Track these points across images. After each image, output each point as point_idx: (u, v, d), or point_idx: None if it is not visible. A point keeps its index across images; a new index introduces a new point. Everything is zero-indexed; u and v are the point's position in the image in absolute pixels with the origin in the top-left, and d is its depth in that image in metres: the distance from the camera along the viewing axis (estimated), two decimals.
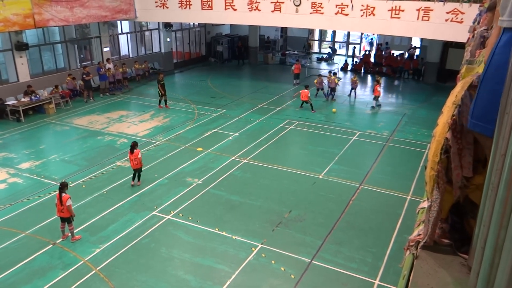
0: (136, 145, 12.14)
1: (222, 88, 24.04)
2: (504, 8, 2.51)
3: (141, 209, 11.23)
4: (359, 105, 21.13)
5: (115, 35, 25.51)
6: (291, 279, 8.65)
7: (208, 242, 9.86)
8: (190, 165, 13.89)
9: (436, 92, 23.34)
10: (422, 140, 16.07)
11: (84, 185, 12.48)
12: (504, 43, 2.36)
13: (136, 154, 11.98)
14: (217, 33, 32.93)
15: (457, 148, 2.74)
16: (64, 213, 9.63)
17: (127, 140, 16.02)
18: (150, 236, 10.06)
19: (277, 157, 14.62)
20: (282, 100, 21.71)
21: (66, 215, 9.66)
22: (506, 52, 2.20)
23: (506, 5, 2.48)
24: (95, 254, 9.39)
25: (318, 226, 10.53)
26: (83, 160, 14.26)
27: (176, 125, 17.82)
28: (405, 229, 10.22)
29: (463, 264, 2.71)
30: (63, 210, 9.59)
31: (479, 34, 5.45)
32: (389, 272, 8.83)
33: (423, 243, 2.88)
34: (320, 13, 19.93)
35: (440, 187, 2.74)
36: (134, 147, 12.01)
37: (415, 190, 12.14)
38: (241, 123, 18.09)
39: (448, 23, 17.35)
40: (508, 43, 2.32)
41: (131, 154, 12.03)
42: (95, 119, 18.57)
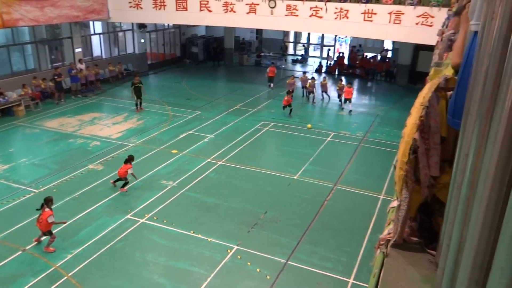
0: (131, 159, 12.27)
1: (197, 89, 23.91)
2: (472, 13, 2.60)
3: (115, 212, 11.04)
4: (333, 107, 21.38)
5: (87, 35, 25.00)
6: (267, 280, 8.67)
7: (183, 245, 9.78)
8: (164, 167, 13.75)
9: (408, 93, 23.87)
10: (394, 141, 16.40)
11: (55, 189, 12.17)
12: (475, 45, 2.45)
13: (126, 167, 12.04)
14: (192, 34, 32.75)
15: (424, 148, 2.81)
16: (41, 225, 9.42)
17: (99, 143, 15.73)
18: (124, 240, 9.89)
19: (252, 159, 14.64)
20: (257, 101, 21.77)
21: (41, 227, 9.44)
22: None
23: (473, 10, 2.57)
24: (67, 260, 9.17)
25: (293, 226, 10.60)
26: (54, 164, 13.92)
27: (150, 127, 17.61)
28: (378, 228, 10.40)
29: (431, 262, 2.78)
30: (41, 222, 9.40)
31: (447, 37, 5.61)
32: (363, 271, 8.96)
33: (393, 242, 2.94)
34: (295, 15, 20.10)
35: (408, 186, 2.81)
36: (128, 160, 12.19)
37: (388, 190, 12.38)
38: (217, 124, 18.04)
39: (418, 26, 17.79)
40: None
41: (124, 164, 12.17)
42: (67, 121, 18.15)
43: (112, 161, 14.11)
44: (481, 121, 1.70)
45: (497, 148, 1.44)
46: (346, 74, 29.12)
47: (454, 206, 2.11)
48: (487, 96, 1.65)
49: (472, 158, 1.80)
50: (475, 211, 1.61)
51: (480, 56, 1.94)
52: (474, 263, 1.55)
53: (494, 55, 1.60)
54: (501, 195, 1.45)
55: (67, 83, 21.52)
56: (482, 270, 1.53)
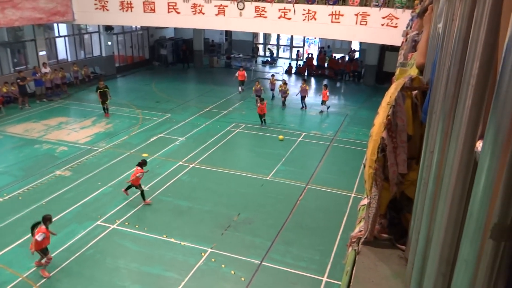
0: (144, 163, 11.60)
1: (167, 92, 23.64)
2: (440, 16, 2.69)
3: (84, 219, 10.76)
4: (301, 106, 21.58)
5: (51, 38, 24.29)
6: (242, 282, 8.66)
7: (156, 250, 9.64)
8: None
9: (375, 93, 24.38)
10: (363, 140, 16.72)
11: (21, 197, 11.76)
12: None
13: (136, 171, 11.33)
14: (161, 36, 32.35)
15: (392, 146, 2.88)
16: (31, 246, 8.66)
17: (67, 148, 15.31)
18: (95, 247, 9.66)
19: (224, 161, 14.59)
20: (228, 103, 21.73)
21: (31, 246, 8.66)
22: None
23: (441, 13, 2.65)
24: (35, 270, 8.87)
25: (267, 227, 10.64)
26: (19, 171, 13.44)
27: (119, 131, 17.28)
28: (350, 226, 10.56)
29: (401, 257, 2.86)
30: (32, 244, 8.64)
31: (411, 38, 5.78)
32: (336, 269, 9.09)
33: (364, 239, 3.00)
34: (264, 17, 20.19)
35: (378, 184, 2.87)
36: (141, 164, 11.50)
37: (359, 188, 12.60)
38: (188, 127, 17.89)
39: (384, 27, 18.22)
40: None
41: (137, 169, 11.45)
42: (32, 126, 17.57)
43: (80, 167, 13.76)
44: (444, 119, 1.76)
45: (460, 145, 1.50)
46: (315, 75, 29.50)
47: (422, 202, 2.17)
48: (450, 95, 1.71)
49: (437, 154, 1.86)
50: (441, 206, 1.66)
51: (442, 56, 2.01)
52: (441, 256, 1.61)
53: (455, 56, 1.66)
54: (465, 189, 1.51)
55: (32, 87, 20.84)
56: (449, 263, 1.58)
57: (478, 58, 1.36)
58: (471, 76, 1.40)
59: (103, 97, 18.77)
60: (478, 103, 1.39)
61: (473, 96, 1.40)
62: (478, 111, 1.39)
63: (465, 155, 1.48)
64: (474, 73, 1.38)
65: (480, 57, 1.36)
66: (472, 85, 1.39)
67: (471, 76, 1.40)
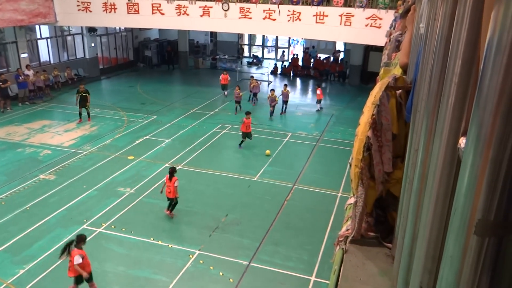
0: (174, 171, 10.74)
1: (152, 94, 23.48)
2: (422, 16, 2.72)
3: (70, 223, 10.61)
4: (289, 108, 21.65)
5: (33, 40, 23.92)
6: (230, 283, 8.64)
7: (144, 253, 9.56)
8: (121, 174, 13.38)
9: (360, 93, 24.59)
10: (349, 139, 16.84)
11: (4, 202, 11.55)
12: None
13: (173, 181, 10.55)
14: (145, 38, 32.13)
15: (377, 145, 2.91)
16: (70, 270, 7.86)
17: (50, 151, 15.09)
18: None
19: (211, 162, 14.55)
20: (214, 104, 21.67)
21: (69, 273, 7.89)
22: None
23: (423, 14, 2.69)
24: (20, 275, 8.72)
25: (255, 228, 10.63)
26: (1, 175, 13.19)
27: (104, 133, 17.09)
28: (337, 225, 10.62)
29: (388, 255, 2.88)
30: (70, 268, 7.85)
31: (394, 38, 5.84)
32: (324, 268, 9.13)
33: (351, 238, 3.02)
34: (249, 18, 20.21)
35: (364, 183, 2.90)
36: (172, 173, 10.61)
37: (345, 187, 12.69)
38: (174, 129, 17.79)
39: (368, 28, 18.39)
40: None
41: (169, 181, 10.62)
42: (14, 130, 17.27)
43: (64, 170, 13.57)
44: (428, 117, 1.78)
45: (443, 143, 1.52)
46: (300, 76, 29.63)
47: (407, 200, 2.19)
48: (433, 93, 1.73)
49: (422, 153, 1.88)
50: (426, 203, 1.68)
51: (425, 55, 2.04)
52: (427, 253, 1.62)
53: (438, 54, 1.68)
54: (449, 186, 1.53)
55: (13, 90, 20.48)
56: (434, 260, 1.60)
57: (460, 56, 1.38)
58: (454, 74, 1.42)
59: (82, 101, 18.09)
60: (461, 100, 1.41)
61: (456, 94, 1.42)
62: (461, 108, 1.41)
63: (449, 152, 1.50)
64: (456, 71, 1.40)
65: (462, 55, 1.37)
66: (455, 82, 1.41)
67: (454, 74, 1.42)
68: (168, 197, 10.78)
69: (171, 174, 10.63)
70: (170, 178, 10.61)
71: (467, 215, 1.12)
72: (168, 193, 10.67)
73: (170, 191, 10.63)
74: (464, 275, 1.14)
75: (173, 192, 10.60)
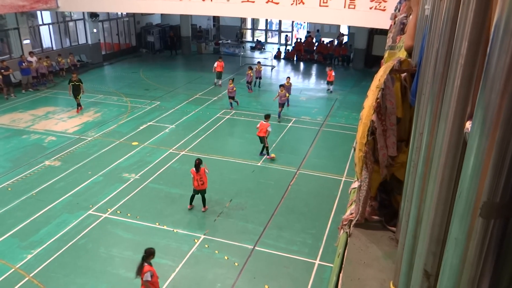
0: (201, 162, 10.32)
1: (155, 79, 23.41)
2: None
3: (76, 209, 10.72)
4: (293, 92, 21.53)
5: (35, 26, 23.80)
6: (235, 267, 8.73)
7: (149, 237, 9.66)
8: (125, 160, 13.44)
9: (364, 77, 24.41)
10: (353, 124, 16.80)
11: (10, 188, 11.65)
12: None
13: (202, 171, 10.25)
14: (147, 23, 31.89)
15: (382, 129, 2.89)
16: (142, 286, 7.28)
17: (55, 138, 15.15)
18: (87, 237, 9.65)
19: (215, 147, 14.57)
20: (218, 90, 21.60)
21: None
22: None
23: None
24: (27, 260, 8.85)
25: (259, 212, 10.70)
26: (7, 162, 13.29)
27: (108, 119, 17.11)
28: (341, 209, 10.67)
29: (392, 238, 2.90)
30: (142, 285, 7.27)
31: (399, 21, 5.76)
32: (328, 251, 9.20)
33: (355, 221, 3.03)
34: (251, 1, 19.96)
35: (368, 167, 2.90)
36: (199, 165, 10.23)
37: (349, 172, 12.70)
38: (177, 114, 17.78)
39: (372, 11, 18.14)
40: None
41: (197, 173, 10.23)
42: (18, 117, 17.32)
43: (69, 156, 13.64)
44: (434, 100, 1.77)
45: (449, 126, 1.50)
46: (304, 60, 29.41)
47: (411, 184, 2.19)
48: (438, 76, 1.71)
49: (427, 136, 1.87)
50: (431, 187, 1.68)
51: (431, 37, 2.01)
52: (431, 236, 1.63)
53: (444, 36, 1.65)
54: (454, 170, 1.52)
55: (17, 77, 20.47)
56: (439, 242, 1.61)
57: (466, 37, 1.36)
58: (460, 55, 1.40)
59: (75, 91, 17.65)
60: (467, 82, 1.39)
61: (462, 75, 1.40)
62: (467, 90, 1.40)
63: (455, 135, 1.48)
64: (463, 53, 1.38)
65: (468, 36, 1.35)
66: (461, 64, 1.39)
67: (460, 56, 1.40)
68: (200, 189, 10.47)
69: (198, 166, 10.23)
70: (198, 169, 10.25)
71: (472, 197, 1.12)
72: (202, 184, 10.35)
73: (203, 182, 10.33)
74: (469, 257, 1.15)
75: (206, 181, 10.35)
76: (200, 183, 10.33)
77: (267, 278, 8.46)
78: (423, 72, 2.25)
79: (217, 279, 8.43)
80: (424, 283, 1.68)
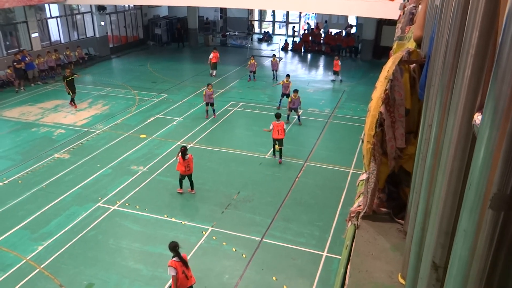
0: (186, 149, 10.80)
1: (163, 72, 23.43)
2: None
3: (85, 201, 10.82)
4: (301, 84, 21.44)
5: (43, 19, 23.89)
6: (243, 259, 8.78)
7: (158, 229, 9.73)
8: (134, 152, 13.52)
9: (373, 68, 24.21)
10: (361, 116, 16.69)
11: (21, 181, 11.79)
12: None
13: (190, 158, 10.78)
14: (155, 15, 31.86)
15: (390, 121, 2.87)
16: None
17: (64, 131, 15.26)
18: (97, 228, 9.75)
19: (223, 140, 14.59)
20: (225, 82, 21.57)
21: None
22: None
23: None
24: (38, 252, 8.97)
25: (266, 205, 10.72)
26: (17, 155, 13.43)
27: (116, 112, 17.19)
28: (349, 201, 10.65)
29: (400, 230, 2.89)
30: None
31: (408, 11, 5.70)
32: (336, 244, 9.21)
33: (363, 213, 3.03)
34: None
35: (376, 159, 2.88)
36: (185, 152, 10.66)
37: (357, 164, 12.65)
38: (185, 107, 17.80)
39: (381, 1, 17.95)
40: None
41: (184, 160, 10.63)
42: (28, 110, 17.47)
43: (78, 149, 13.75)
44: (443, 92, 1.75)
45: (458, 117, 1.49)
46: (311, 51, 29.24)
47: (420, 176, 2.18)
48: (448, 67, 1.69)
49: (436, 128, 1.85)
50: (440, 179, 1.66)
51: (441, 27, 1.98)
52: (440, 228, 1.62)
53: (454, 26, 1.63)
54: (463, 161, 1.51)
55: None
56: (447, 234, 1.60)
57: (477, 27, 1.34)
58: (471, 45, 1.38)
59: (71, 86, 17.23)
60: (477, 73, 1.37)
61: (472, 66, 1.38)
62: (477, 81, 1.38)
63: (464, 126, 1.47)
64: (473, 43, 1.36)
65: (479, 26, 1.33)
66: (472, 54, 1.37)
67: (471, 46, 1.38)
68: (185, 174, 10.88)
69: (184, 153, 10.64)
70: (185, 157, 10.62)
71: (482, 189, 1.11)
72: (188, 170, 10.81)
73: (190, 168, 10.81)
74: (478, 249, 1.14)
75: (192, 167, 10.82)
76: (187, 169, 10.81)
77: (275, 270, 8.50)
78: (432, 63, 2.23)
79: (225, 270, 8.48)
80: (433, 275, 1.68)
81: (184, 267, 6.72)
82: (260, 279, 8.27)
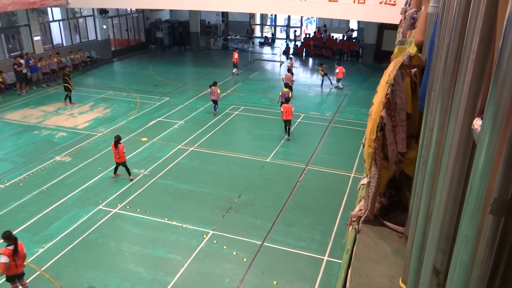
0: (120, 139, 11.86)
1: (164, 75, 23.48)
2: None
3: (86, 204, 10.82)
4: (302, 88, 21.49)
5: (45, 22, 23.98)
6: (244, 263, 8.76)
7: (158, 232, 9.73)
8: (135, 156, 13.53)
9: (374, 72, 24.24)
10: (362, 120, 16.70)
11: (22, 183, 11.80)
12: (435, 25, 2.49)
13: (121, 148, 11.65)
14: (156, 19, 31.96)
15: (391, 125, 2.88)
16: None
17: (66, 134, 15.29)
18: (97, 231, 9.74)
19: (224, 143, 14.60)
20: (226, 86, 21.60)
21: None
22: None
23: None
24: (39, 254, 8.97)
25: (267, 208, 10.71)
26: (18, 157, 13.45)
27: (118, 115, 17.22)
28: (350, 205, 10.64)
29: (400, 237, 2.88)
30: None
31: (409, 16, 5.71)
32: (337, 248, 9.19)
33: (364, 218, 3.02)
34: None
35: (377, 163, 2.88)
36: (118, 142, 11.69)
37: (358, 168, 12.64)
38: (186, 110, 17.83)
39: (382, 5, 17.99)
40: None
41: (115, 148, 11.64)
42: (30, 112, 17.51)
43: (80, 152, 13.77)
44: (444, 96, 1.75)
45: (459, 122, 1.49)
46: (313, 55, 29.28)
47: (421, 180, 2.18)
48: (449, 71, 1.69)
49: (437, 132, 1.85)
50: (441, 183, 1.66)
51: (441, 32, 1.99)
52: (441, 233, 1.62)
53: (455, 31, 1.64)
54: (464, 166, 1.51)
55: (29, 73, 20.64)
56: (448, 239, 1.60)
57: (478, 32, 1.35)
58: (471, 51, 1.38)
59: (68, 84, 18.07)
60: (478, 78, 1.38)
61: (473, 71, 1.38)
62: (478, 86, 1.38)
63: (465, 131, 1.47)
64: (474, 48, 1.37)
65: (480, 31, 1.34)
66: (472, 60, 1.38)
67: (471, 51, 1.38)
68: (118, 162, 11.84)
69: (116, 142, 11.63)
70: (117, 145, 11.61)
71: (483, 194, 1.11)
72: (119, 158, 11.74)
73: (120, 157, 11.72)
74: (479, 254, 1.14)
75: (123, 156, 11.75)
76: (117, 157, 11.75)
77: (276, 273, 8.48)
78: (433, 67, 2.23)
79: (225, 274, 8.47)
80: (434, 280, 1.67)
81: (16, 256, 7.32)
82: (261, 283, 8.25)
